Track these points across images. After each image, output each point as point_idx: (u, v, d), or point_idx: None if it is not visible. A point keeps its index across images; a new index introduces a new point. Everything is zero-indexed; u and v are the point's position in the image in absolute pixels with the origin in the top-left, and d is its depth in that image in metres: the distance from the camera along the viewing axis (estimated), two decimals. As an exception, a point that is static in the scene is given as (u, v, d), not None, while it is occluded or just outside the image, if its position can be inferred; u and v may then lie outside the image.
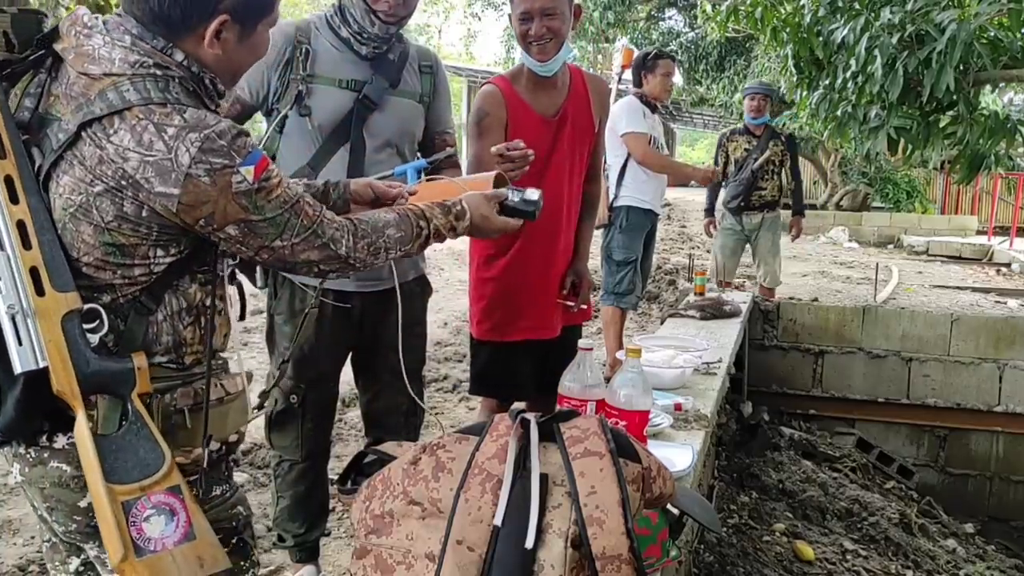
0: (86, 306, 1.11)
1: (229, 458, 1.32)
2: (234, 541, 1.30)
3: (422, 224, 1.36)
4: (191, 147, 1.07)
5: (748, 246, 5.54)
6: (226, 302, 1.31)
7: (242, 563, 1.32)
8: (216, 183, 1.09)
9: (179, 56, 1.16)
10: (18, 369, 1.05)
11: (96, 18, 1.15)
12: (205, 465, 1.21)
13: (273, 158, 2.05)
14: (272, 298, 2.16)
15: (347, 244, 1.24)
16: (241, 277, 1.52)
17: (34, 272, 1.07)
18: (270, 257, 1.20)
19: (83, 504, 1.16)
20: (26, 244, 1.07)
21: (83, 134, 1.08)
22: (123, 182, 1.08)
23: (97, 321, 1.11)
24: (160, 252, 1.16)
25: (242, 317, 1.45)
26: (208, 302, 1.25)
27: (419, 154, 2.18)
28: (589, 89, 2.35)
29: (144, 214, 1.11)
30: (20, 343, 1.06)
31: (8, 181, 1.08)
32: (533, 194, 1.53)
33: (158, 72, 1.12)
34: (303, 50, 1.98)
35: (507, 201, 1.51)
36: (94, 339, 1.10)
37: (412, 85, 2.12)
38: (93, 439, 1.07)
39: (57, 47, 1.13)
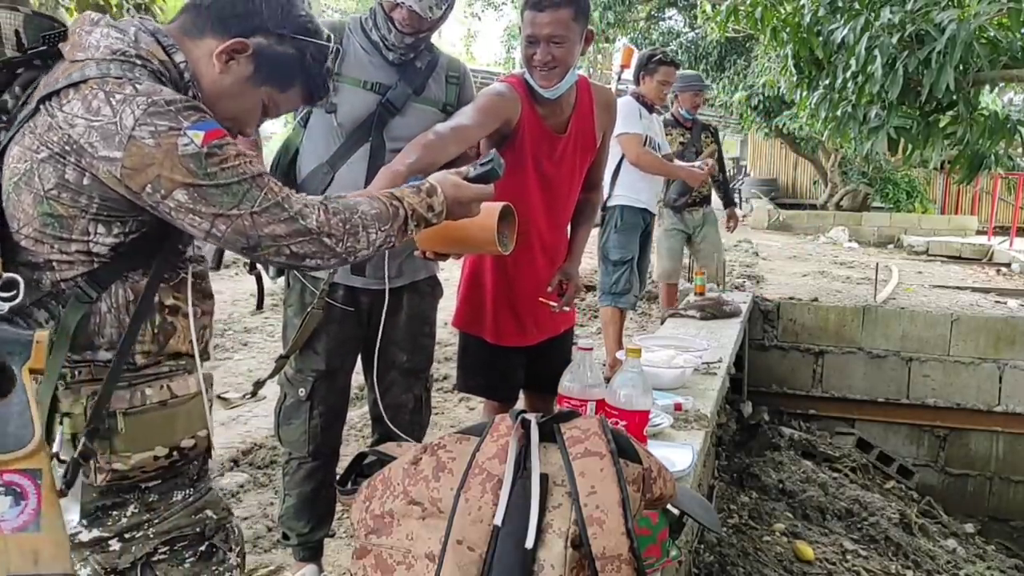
0: (5, 275, 1.09)
1: (194, 463, 1.27)
2: (202, 548, 1.27)
3: (396, 203, 1.27)
4: (136, 109, 1.06)
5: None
6: (187, 303, 1.26)
7: (214, 568, 1.28)
8: (160, 145, 1.06)
9: (179, 57, 1.17)
10: None
11: (104, 18, 1.16)
12: (75, 457, 1.14)
13: (296, 153, 2.10)
14: (286, 289, 2.20)
15: (317, 218, 1.15)
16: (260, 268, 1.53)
17: None
18: (228, 229, 1.11)
19: None
20: None
21: (40, 107, 1.10)
22: (67, 147, 1.08)
23: (15, 291, 1.09)
24: (101, 229, 1.13)
25: (259, 306, 1.41)
26: (167, 300, 1.21)
27: None
28: (595, 102, 2.29)
29: (85, 182, 1.09)
30: None
31: None
32: (486, 157, 1.46)
33: (137, 61, 1.12)
34: (333, 49, 2.02)
35: (468, 176, 1.43)
36: (3, 307, 1.08)
37: (436, 94, 2.14)
38: None
39: (63, 46, 1.15)
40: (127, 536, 1.20)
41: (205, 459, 1.31)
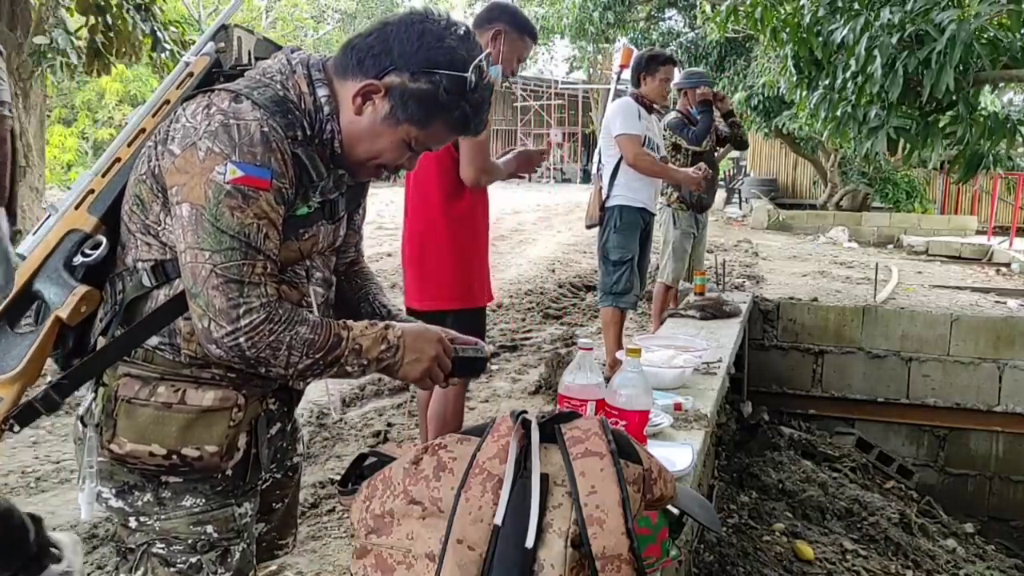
0: (97, 236, 1.18)
1: (216, 475, 1.24)
2: (192, 560, 1.24)
3: (342, 333, 1.19)
4: (212, 121, 1.12)
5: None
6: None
7: None
8: (205, 161, 1.11)
9: (321, 92, 1.22)
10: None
11: (298, 51, 1.25)
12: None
13: None
14: None
15: (255, 319, 1.12)
16: None
17: (90, 193, 1.21)
18: (189, 263, 1.12)
19: None
20: (106, 174, 1.22)
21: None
22: (161, 137, 1.16)
23: (99, 249, 1.18)
24: (168, 220, 1.16)
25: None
26: None
27: None
28: None
29: (156, 171, 1.16)
30: (35, 234, 1.20)
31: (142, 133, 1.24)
32: (474, 348, 1.35)
33: (275, 83, 1.19)
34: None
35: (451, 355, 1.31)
36: (79, 260, 1.16)
37: None
38: None
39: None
40: (141, 519, 1.24)
41: (238, 474, 1.27)
